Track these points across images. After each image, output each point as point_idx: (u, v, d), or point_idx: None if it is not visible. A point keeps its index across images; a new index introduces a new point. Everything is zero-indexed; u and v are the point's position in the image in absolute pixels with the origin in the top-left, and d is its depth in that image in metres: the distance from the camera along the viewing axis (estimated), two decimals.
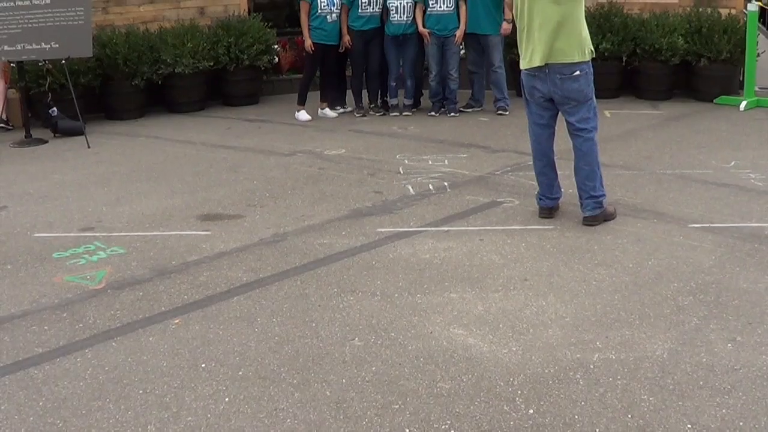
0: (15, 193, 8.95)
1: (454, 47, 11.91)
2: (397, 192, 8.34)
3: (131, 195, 8.64)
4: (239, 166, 9.63)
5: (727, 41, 12.40)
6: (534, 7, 7.05)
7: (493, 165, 9.28)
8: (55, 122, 11.67)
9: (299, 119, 12.10)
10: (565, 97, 7.10)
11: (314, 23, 11.92)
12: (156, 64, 12.63)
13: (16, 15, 11.35)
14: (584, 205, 7.24)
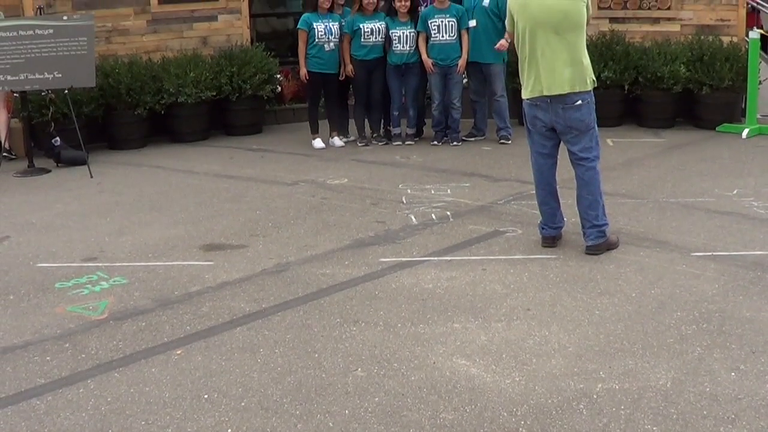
0: (18, 222, 8.96)
1: (457, 76, 11.93)
2: (400, 221, 8.35)
3: (134, 225, 8.65)
4: (242, 195, 9.64)
5: (729, 69, 12.42)
6: (535, 36, 7.08)
7: (495, 194, 9.28)
8: (57, 152, 11.69)
9: (314, 147, 12.14)
10: (567, 127, 7.12)
11: (312, 52, 11.94)
12: (159, 93, 12.65)
13: (19, 45, 11.39)
14: (587, 234, 7.24)
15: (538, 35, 7.07)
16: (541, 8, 7.05)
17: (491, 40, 11.71)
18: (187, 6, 13.88)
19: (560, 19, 7.01)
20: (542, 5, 7.04)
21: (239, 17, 14.10)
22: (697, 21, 13.49)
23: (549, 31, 7.03)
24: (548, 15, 7.02)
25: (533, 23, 7.08)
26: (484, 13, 11.87)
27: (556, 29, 7.02)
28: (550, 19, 7.01)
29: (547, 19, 7.02)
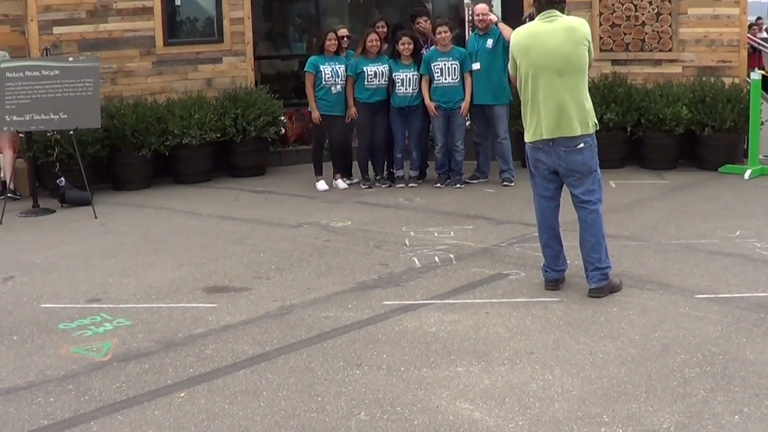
0: (22, 263, 8.97)
1: (460, 119, 11.99)
2: (403, 264, 8.35)
3: (138, 266, 8.66)
4: (246, 237, 9.66)
5: (730, 110, 12.48)
6: (538, 80, 7.12)
7: (498, 237, 9.29)
8: (62, 192, 11.72)
9: (318, 189, 12.16)
10: (570, 170, 7.15)
11: (318, 94, 12.03)
12: (163, 135, 12.71)
13: (25, 85, 11.47)
14: (590, 277, 7.25)
15: (541, 78, 7.11)
16: (543, 52, 7.09)
17: (494, 83, 11.83)
18: (192, 48, 13.98)
19: (562, 62, 7.05)
20: (545, 49, 7.09)
21: (244, 59, 14.19)
22: (699, 62, 13.57)
23: (551, 74, 7.07)
24: (550, 58, 7.06)
25: (536, 67, 7.12)
26: (487, 56, 11.93)
27: (558, 72, 7.06)
28: (553, 62, 7.06)
29: (550, 62, 7.06)
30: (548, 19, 7.17)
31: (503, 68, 11.72)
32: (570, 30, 7.12)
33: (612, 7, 13.75)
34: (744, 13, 13.73)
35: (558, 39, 7.08)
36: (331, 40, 12.07)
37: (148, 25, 13.62)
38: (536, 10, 7.33)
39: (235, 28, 14.11)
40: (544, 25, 7.17)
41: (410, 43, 11.93)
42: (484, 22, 12.04)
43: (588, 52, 7.16)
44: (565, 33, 7.10)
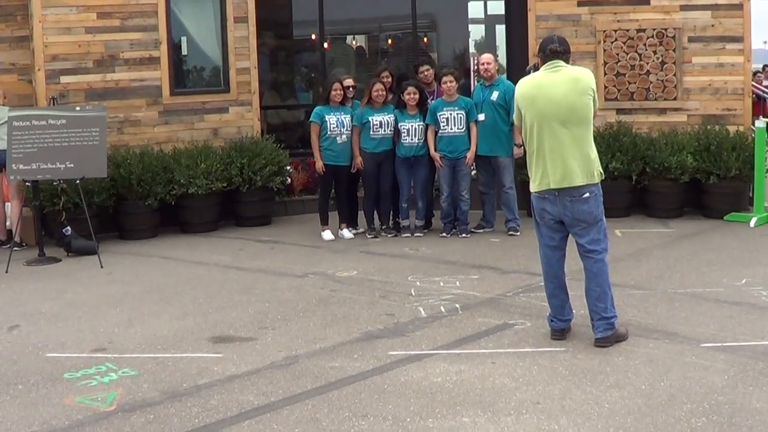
0: (27, 312, 8.98)
1: (465, 168, 12.01)
2: (409, 314, 8.34)
3: (143, 316, 8.66)
4: (251, 287, 9.66)
5: (735, 158, 12.51)
6: (543, 130, 7.14)
7: (504, 286, 9.28)
8: (68, 241, 11.74)
9: (324, 239, 12.15)
10: (576, 219, 7.16)
11: (324, 144, 12.07)
12: (170, 184, 12.75)
13: (32, 134, 11.54)
14: (596, 327, 7.24)
15: (546, 129, 7.14)
16: (548, 102, 7.13)
17: (500, 133, 11.87)
18: (199, 98, 14.05)
19: (567, 112, 7.08)
20: (549, 99, 7.13)
21: (250, 109, 14.25)
22: (704, 111, 13.64)
23: (556, 124, 7.09)
24: (555, 109, 7.09)
25: (541, 117, 7.15)
26: (493, 107, 11.99)
27: (563, 122, 7.09)
28: (558, 112, 7.09)
29: (555, 112, 7.09)
30: (553, 69, 7.22)
31: (507, 119, 11.81)
32: (575, 80, 7.16)
33: (616, 56, 13.83)
34: (748, 61, 13.83)
35: (563, 89, 7.12)
36: (336, 90, 12.13)
37: (155, 75, 13.70)
38: (541, 60, 7.38)
39: (242, 78, 14.18)
40: (549, 75, 7.22)
41: (416, 93, 11.98)
42: (489, 72, 12.11)
43: (593, 102, 7.20)
44: (569, 83, 7.14)
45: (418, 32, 16.61)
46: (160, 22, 13.65)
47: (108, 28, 13.41)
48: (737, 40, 13.68)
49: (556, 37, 7.39)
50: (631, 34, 13.82)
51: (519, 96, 7.38)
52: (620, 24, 13.87)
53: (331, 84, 12.32)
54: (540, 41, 7.57)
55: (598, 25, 13.88)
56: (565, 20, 13.91)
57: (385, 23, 17.62)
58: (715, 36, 13.71)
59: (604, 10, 13.91)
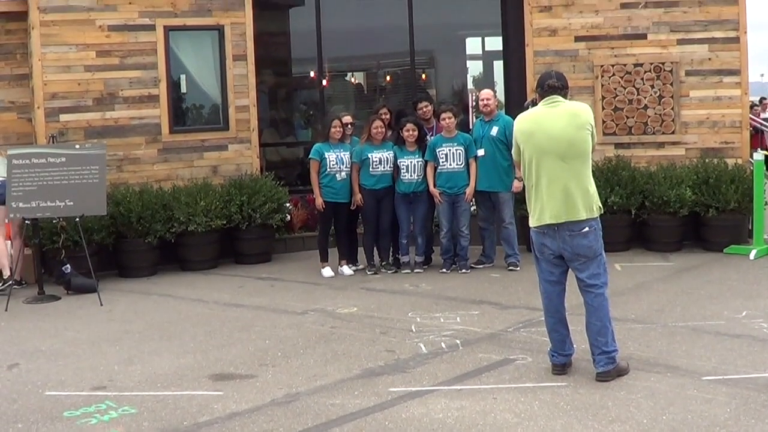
0: (27, 350, 8.96)
1: (465, 204, 12.03)
2: (410, 350, 8.31)
3: (143, 354, 8.64)
4: (251, 325, 9.63)
5: (734, 191, 12.55)
6: (541, 165, 7.16)
7: (505, 322, 9.27)
8: (68, 279, 11.74)
9: (323, 275, 12.14)
10: (575, 254, 7.17)
11: (324, 181, 12.10)
12: (169, 222, 12.76)
13: (31, 172, 11.56)
14: (597, 361, 7.22)
15: (544, 163, 7.15)
16: (546, 137, 7.14)
17: (499, 169, 11.88)
18: (198, 135, 14.08)
19: (566, 147, 7.10)
20: (548, 134, 7.14)
21: (249, 147, 14.27)
22: (702, 144, 13.70)
23: (555, 159, 7.11)
24: (554, 143, 7.11)
25: (539, 152, 7.17)
26: (492, 142, 12.02)
27: (561, 157, 7.10)
28: (556, 147, 7.10)
29: (553, 147, 7.11)
30: (551, 104, 7.25)
31: (507, 154, 11.85)
32: (573, 115, 7.19)
33: (614, 91, 13.90)
34: (745, 94, 13.91)
35: (561, 124, 7.14)
36: (336, 127, 12.16)
37: (155, 113, 13.75)
38: (539, 95, 7.40)
39: (241, 115, 14.22)
40: (547, 110, 7.25)
41: (414, 130, 12.01)
42: (489, 107, 12.15)
43: (591, 136, 7.21)
44: (568, 118, 7.16)
45: (416, 69, 16.68)
46: (160, 61, 13.72)
47: (107, 66, 13.48)
48: (734, 73, 13.77)
49: (554, 73, 7.43)
50: (629, 69, 13.89)
51: (518, 131, 7.40)
52: (617, 59, 13.95)
53: (330, 121, 12.36)
54: (538, 77, 7.61)
55: (596, 60, 13.96)
56: (562, 56, 13.98)
57: (384, 60, 17.71)
58: (713, 69, 13.81)
59: (602, 45, 14.00)
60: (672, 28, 13.89)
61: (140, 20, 13.67)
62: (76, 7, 13.33)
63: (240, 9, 14.19)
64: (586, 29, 14.04)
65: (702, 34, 13.83)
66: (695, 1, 13.85)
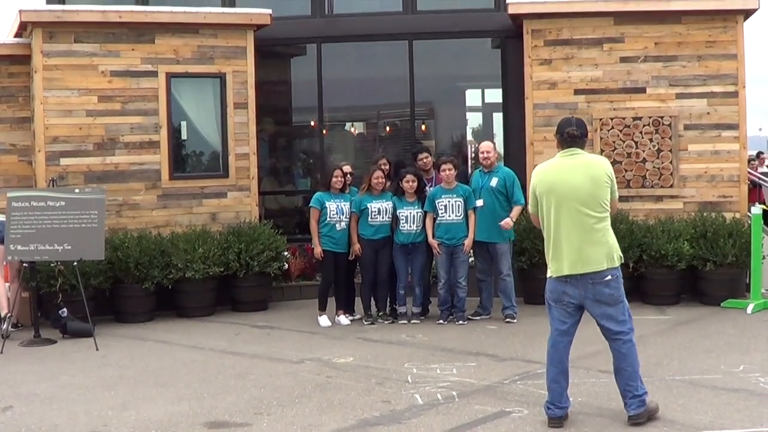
0: (22, 393, 8.93)
1: (463, 256, 12.03)
2: (406, 401, 8.27)
3: (138, 400, 8.61)
4: (247, 372, 9.60)
5: (732, 245, 12.57)
6: (560, 216, 7.22)
7: (501, 374, 9.23)
8: (64, 323, 11.73)
9: (320, 324, 12.11)
10: (597, 301, 7.22)
11: (323, 230, 12.12)
12: (167, 268, 12.77)
13: (30, 215, 11.60)
14: (629, 405, 7.28)
15: (563, 215, 7.21)
16: (566, 188, 7.21)
17: (498, 220, 11.88)
18: (198, 182, 14.12)
19: (585, 199, 7.17)
20: (567, 186, 7.21)
21: (248, 194, 14.31)
22: (700, 198, 13.74)
23: (574, 211, 7.17)
24: (573, 195, 7.18)
25: (558, 204, 7.23)
26: (491, 194, 12.05)
27: (581, 209, 7.16)
28: (575, 199, 7.17)
29: (572, 199, 7.18)
30: (569, 155, 7.32)
31: (506, 205, 11.87)
32: (591, 167, 7.28)
33: (613, 144, 13.96)
34: (744, 148, 13.97)
35: (580, 176, 7.21)
36: (337, 176, 12.21)
37: (155, 159, 13.81)
38: (558, 142, 7.43)
39: (241, 163, 14.28)
40: (566, 161, 7.33)
41: (414, 181, 12.05)
42: (489, 160, 12.18)
43: (611, 190, 7.29)
44: (586, 170, 7.24)
45: (416, 119, 16.75)
46: (161, 107, 13.80)
47: (109, 111, 13.57)
48: (733, 128, 13.85)
49: (574, 120, 7.49)
50: (628, 122, 13.97)
51: (536, 183, 7.45)
52: (616, 112, 14.03)
53: (332, 170, 12.41)
54: (559, 122, 7.58)
55: (595, 113, 14.03)
56: (562, 108, 14.05)
57: (384, 110, 17.77)
58: (711, 123, 13.89)
59: (601, 99, 14.08)
60: (671, 82, 13.99)
61: (143, 66, 13.77)
62: (79, 52, 13.44)
63: (242, 57, 14.30)
64: (585, 82, 14.13)
65: (701, 89, 13.92)
66: (694, 56, 13.96)
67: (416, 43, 16.23)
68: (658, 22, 14.03)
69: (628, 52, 14.10)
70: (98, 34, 13.57)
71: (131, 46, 13.72)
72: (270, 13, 14.37)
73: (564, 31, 14.19)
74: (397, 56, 16.32)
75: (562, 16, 14.17)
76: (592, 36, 14.16)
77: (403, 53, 16.22)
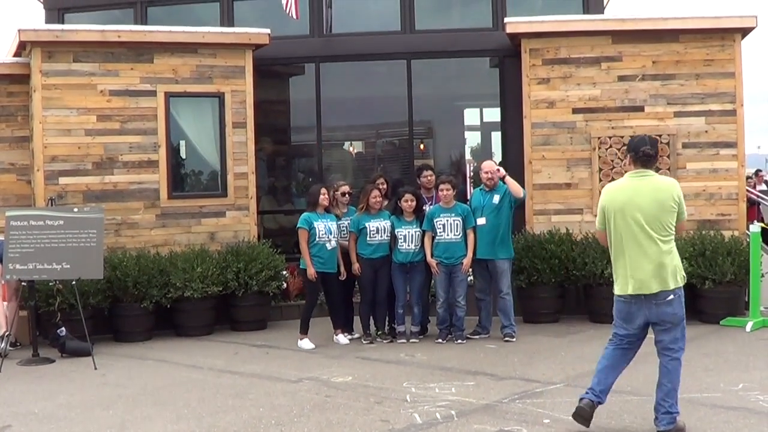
0: (20, 412, 8.92)
1: (462, 275, 12.02)
2: (404, 421, 8.25)
3: (137, 419, 8.59)
4: (246, 392, 9.58)
5: (731, 263, 12.58)
6: (627, 236, 7.45)
7: (500, 393, 9.20)
8: (62, 342, 11.72)
9: (302, 348, 11.98)
10: (661, 320, 7.45)
11: (313, 251, 11.99)
12: (165, 287, 12.77)
13: (29, 235, 11.60)
14: (660, 420, 7.45)
15: (630, 235, 7.42)
16: (634, 208, 7.41)
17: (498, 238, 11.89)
18: (196, 201, 14.14)
19: (651, 220, 7.37)
20: (635, 207, 7.41)
21: (247, 214, 14.33)
22: (699, 216, 13.75)
23: (641, 232, 7.39)
24: (641, 216, 7.37)
25: (626, 223, 7.44)
26: (494, 211, 12.04)
27: (647, 230, 7.38)
28: (643, 220, 7.37)
29: (639, 220, 7.38)
30: (640, 176, 7.51)
31: (508, 223, 11.88)
32: (659, 190, 7.48)
33: (611, 162, 13.98)
34: (742, 166, 14.00)
35: (647, 198, 7.43)
36: (323, 194, 12.15)
37: (153, 178, 13.83)
38: (631, 160, 7.60)
39: (239, 182, 14.30)
40: (635, 182, 7.53)
41: (413, 200, 12.04)
42: (493, 180, 12.15)
43: (678, 212, 7.48)
44: (654, 193, 7.45)
45: (414, 138, 16.77)
46: (160, 126, 13.83)
47: (107, 130, 13.61)
48: (731, 146, 13.89)
49: (648, 138, 7.72)
50: (626, 141, 13.93)
51: (605, 202, 7.66)
52: (615, 131, 14.06)
53: (317, 190, 12.33)
54: (631, 141, 7.74)
55: (593, 131, 14.06)
56: (560, 127, 14.09)
57: (382, 129, 17.81)
58: (709, 142, 13.92)
59: (599, 117, 14.11)
60: (669, 100, 14.02)
61: (141, 86, 13.81)
62: (78, 71, 13.48)
63: (241, 77, 14.34)
64: (583, 101, 14.16)
65: (699, 107, 13.97)
66: (692, 75, 14.00)
67: (414, 62, 16.29)
68: (656, 40, 14.08)
69: (626, 70, 14.15)
70: (97, 54, 13.61)
71: (130, 66, 13.76)
72: (269, 33, 14.42)
73: (562, 50, 14.23)
74: (396, 75, 16.37)
75: (559, 35, 14.22)
76: (590, 55, 14.21)
77: (401, 72, 16.27)
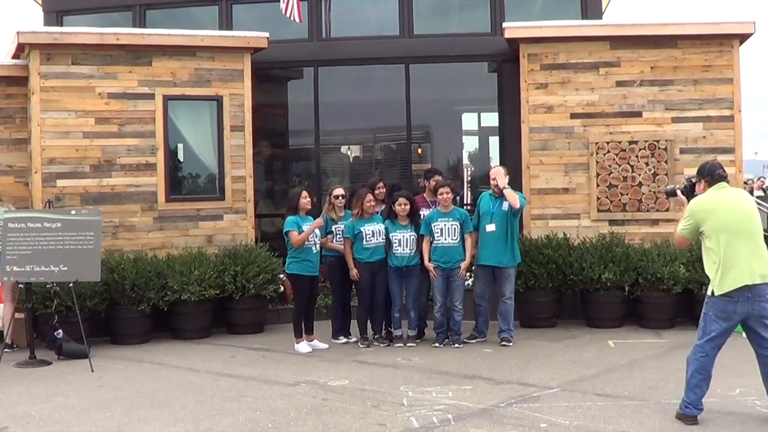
0: (17, 414, 8.91)
1: (459, 279, 12.00)
2: (401, 424, 8.25)
3: (133, 422, 8.58)
4: (243, 395, 9.58)
5: None
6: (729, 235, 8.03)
7: (497, 397, 9.20)
8: (59, 344, 11.70)
9: (299, 351, 11.98)
10: (761, 316, 8.01)
11: (301, 255, 11.95)
12: (163, 290, 12.76)
13: (27, 237, 11.59)
14: None
15: (736, 237, 8.01)
16: (730, 212, 8.10)
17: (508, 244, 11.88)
18: (194, 204, 14.15)
19: (748, 220, 8.13)
20: (731, 210, 8.12)
21: (245, 217, 14.34)
22: None
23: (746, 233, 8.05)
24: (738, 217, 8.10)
25: (725, 225, 8.06)
26: (504, 217, 12.01)
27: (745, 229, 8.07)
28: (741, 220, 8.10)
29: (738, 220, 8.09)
30: (722, 189, 8.25)
31: (516, 229, 11.89)
32: (744, 196, 8.43)
33: (609, 167, 13.99)
34: (740, 172, 14.01)
35: (738, 202, 8.22)
36: (305, 198, 12.09)
37: (151, 181, 13.84)
38: (707, 182, 8.30)
39: (237, 186, 14.31)
40: (722, 193, 8.23)
41: (407, 204, 12.02)
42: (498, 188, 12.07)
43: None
44: (741, 197, 8.35)
45: (412, 143, 16.78)
46: (158, 129, 13.84)
47: (105, 133, 13.62)
48: (729, 152, 13.90)
49: (718, 164, 8.43)
50: (624, 146, 14.01)
51: (698, 210, 8.20)
52: (612, 136, 14.07)
53: (297, 193, 12.24)
54: (703, 167, 8.41)
55: (591, 137, 14.07)
56: (558, 132, 14.11)
57: (380, 134, 17.83)
58: (707, 147, 13.93)
59: (597, 123, 14.12)
60: (667, 106, 14.05)
61: (140, 89, 13.83)
62: (76, 74, 13.49)
63: (239, 80, 14.35)
64: (581, 106, 14.17)
65: (697, 113, 13.99)
66: (690, 80, 14.03)
67: (413, 66, 16.31)
68: (654, 46, 14.10)
69: (624, 76, 14.17)
70: (96, 56, 13.63)
71: (128, 69, 13.78)
72: (267, 37, 14.44)
73: (560, 56, 14.25)
74: (394, 80, 16.39)
75: (558, 40, 14.24)
76: (588, 60, 14.23)
77: (399, 77, 16.28)
